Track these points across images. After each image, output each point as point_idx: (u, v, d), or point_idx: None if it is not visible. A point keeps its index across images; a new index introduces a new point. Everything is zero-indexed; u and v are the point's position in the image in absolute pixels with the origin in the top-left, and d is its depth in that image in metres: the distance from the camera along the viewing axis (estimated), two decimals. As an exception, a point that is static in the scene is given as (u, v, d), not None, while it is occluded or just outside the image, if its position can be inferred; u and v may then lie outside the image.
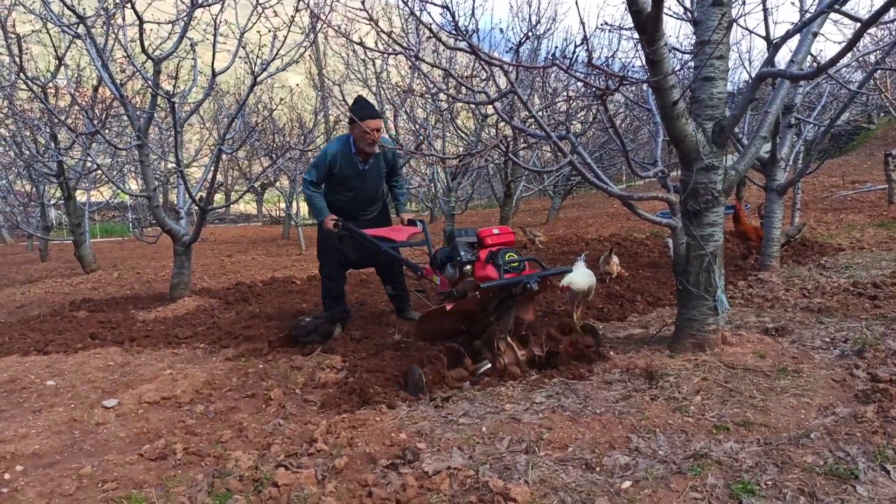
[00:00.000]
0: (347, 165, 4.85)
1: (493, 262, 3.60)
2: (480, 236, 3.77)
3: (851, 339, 3.70)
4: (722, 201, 3.55)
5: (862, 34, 2.82)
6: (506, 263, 3.56)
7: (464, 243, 3.82)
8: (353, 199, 4.99)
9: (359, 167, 4.89)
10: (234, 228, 24.91)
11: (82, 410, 3.46)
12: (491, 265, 3.60)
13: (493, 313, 3.63)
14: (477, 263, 3.71)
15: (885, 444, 2.37)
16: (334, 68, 15.03)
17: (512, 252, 3.65)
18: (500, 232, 3.79)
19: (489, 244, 3.72)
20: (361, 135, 4.72)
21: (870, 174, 14.63)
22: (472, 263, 3.74)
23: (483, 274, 3.60)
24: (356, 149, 4.84)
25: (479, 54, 3.06)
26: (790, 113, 6.24)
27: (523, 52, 10.62)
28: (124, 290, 8.13)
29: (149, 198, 6.60)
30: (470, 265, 3.74)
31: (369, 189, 5.07)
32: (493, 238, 3.74)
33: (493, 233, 3.76)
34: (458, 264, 3.78)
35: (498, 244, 3.72)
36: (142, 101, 9.03)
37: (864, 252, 6.76)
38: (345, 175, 4.87)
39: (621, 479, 2.30)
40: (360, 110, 4.70)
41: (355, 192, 4.98)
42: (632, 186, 19.51)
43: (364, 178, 4.96)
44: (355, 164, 4.87)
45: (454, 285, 3.88)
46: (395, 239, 4.62)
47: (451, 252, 3.87)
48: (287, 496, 2.35)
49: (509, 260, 3.59)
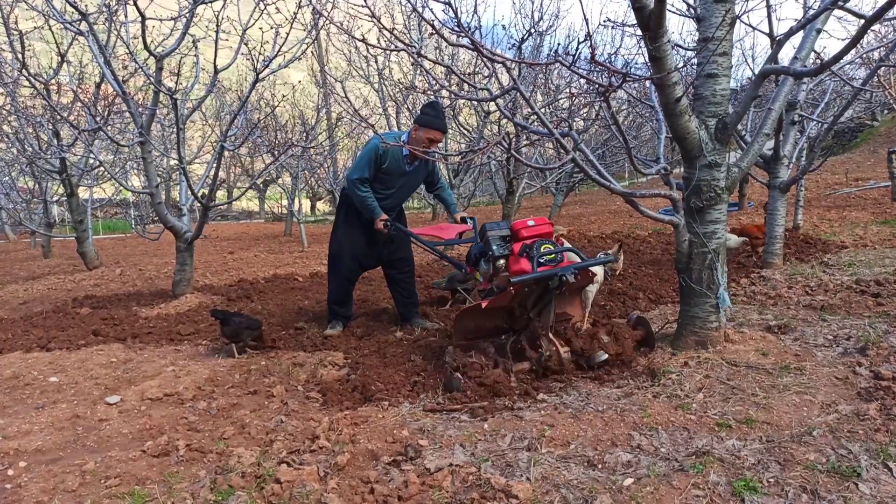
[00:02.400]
0: (396, 163, 4.70)
1: (528, 254, 3.43)
2: (514, 229, 3.62)
3: (854, 336, 3.69)
4: (725, 198, 3.54)
5: (866, 31, 2.80)
6: (540, 255, 3.40)
7: (496, 237, 3.64)
8: (390, 198, 4.82)
9: (406, 167, 4.76)
10: (237, 225, 24.94)
11: (85, 407, 3.47)
12: (525, 258, 3.44)
13: (532, 308, 3.51)
14: (511, 257, 3.55)
15: (887, 442, 2.37)
16: (336, 65, 15.06)
17: (548, 244, 3.48)
18: (536, 223, 3.62)
19: (524, 237, 3.55)
20: (423, 139, 4.52)
21: (873, 171, 14.58)
22: (505, 257, 3.57)
23: (518, 268, 3.44)
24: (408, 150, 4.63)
25: (481, 51, 3.06)
26: (793, 110, 6.23)
27: (526, 48, 10.61)
28: (127, 287, 8.14)
29: (151, 194, 6.61)
30: (503, 259, 3.58)
31: (407, 191, 4.99)
32: (528, 230, 3.57)
33: (527, 225, 3.60)
34: (491, 259, 3.63)
35: (533, 236, 3.54)
36: (144, 97, 9.05)
37: (867, 249, 6.75)
38: (391, 173, 4.73)
39: (623, 477, 2.30)
40: (433, 118, 4.54)
41: (395, 191, 4.83)
42: (634, 184, 19.47)
43: (407, 179, 4.84)
44: (402, 163, 4.72)
45: (490, 280, 3.75)
46: (443, 237, 4.53)
47: (483, 246, 3.73)
48: (289, 493, 2.35)
49: (544, 252, 3.43)
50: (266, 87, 13.78)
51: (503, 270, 3.59)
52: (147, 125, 6.41)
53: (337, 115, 14.08)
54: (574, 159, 3.21)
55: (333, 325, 4.95)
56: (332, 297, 5.02)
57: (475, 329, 3.68)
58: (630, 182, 19.64)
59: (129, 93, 6.53)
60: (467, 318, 3.56)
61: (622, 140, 3.42)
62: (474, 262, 3.87)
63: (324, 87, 14.87)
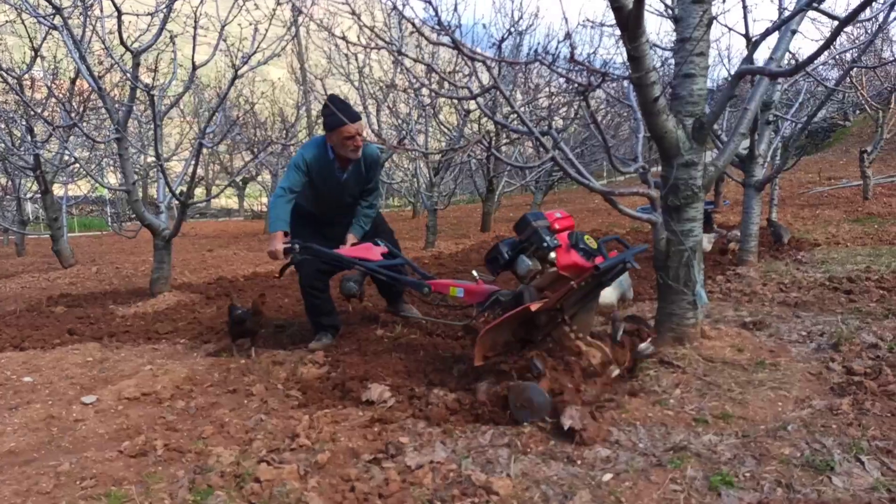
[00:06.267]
0: (325, 173, 4.25)
1: (577, 246, 3.08)
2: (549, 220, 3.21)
3: (827, 332, 3.76)
4: (701, 197, 3.59)
5: (839, 32, 2.86)
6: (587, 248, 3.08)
7: (543, 227, 3.13)
8: (330, 208, 4.43)
9: (337, 175, 4.30)
10: (215, 223, 24.70)
11: (60, 407, 3.42)
12: (574, 250, 3.07)
13: (569, 311, 3.20)
14: (559, 250, 3.09)
15: (859, 436, 2.42)
16: (316, 62, 14.95)
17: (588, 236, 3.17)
18: (563, 216, 3.28)
19: (556, 229, 3.18)
20: (341, 142, 4.09)
21: (845, 171, 14.86)
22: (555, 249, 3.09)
23: (569, 261, 3.05)
24: (335, 154, 4.24)
25: (461, 49, 3.06)
26: (768, 110, 6.32)
27: (506, 47, 10.65)
28: (103, 286, 8.03)
29: (128, 192, 6.53)
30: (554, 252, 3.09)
31: (347, 198, 4.49)
32: (559, 223, 3.21)
33: (556, 216, 3.23)
34: (540, 252, 3.11)
35: (564, 229, 3.21)
36: (120, 93, 8.93)
37: (839, 247, 6.88)
38: (321, 184, 4.29)
39: (602, 472, 2.33)
40: (334, 116, 4.02)
41: (331, 201, 4.41)
42: (613, 182, 19.62)
43: (342, 187, 4.37)
44: (333, 171, 4.27)
45: (530, 280, 3.23)
46: (371, 259, 4.07)
47: (528, 239, 3.16)
48: (269, 492, 2.34)
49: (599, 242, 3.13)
50: (245, 84, 13.65)
51: (551, 266, 3.14)
52: (124, 122, 6.32)
53: (317, 112, 14.01)
54: (554, 158, 3.22)
55: (320, 336, 4.39)
56: (309, 312, 4.49)
57: (492, 346, 3.22)
58: (608, 180, 19.80)
59: (105, 89, 6.43)
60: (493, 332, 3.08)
61: (601, 139, 3.45)
62: (506, 262, 3.24)
63: (304, 85, 14.79)
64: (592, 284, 3.20)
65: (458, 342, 4.23)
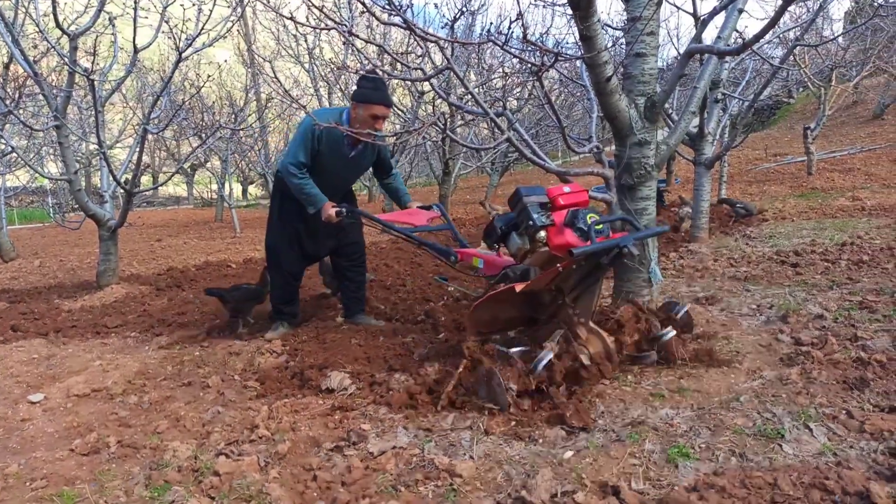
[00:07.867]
0: (335, 148, 4.06)
1: (573, 225, 2.88)
2: (550, 196, 3.02)
3: (776, 305, 3.89)
4: (654, 175, 3.64)
5: (784, 10, 2.92)
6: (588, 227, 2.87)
7: (534, 204, 2.98)
8: (331, 188, 4.15)
9: (347, 152, 4.12)
10: (164, 212, 24.04)
11: (6, 406, 3.28)
12: (569, 230, 2.88)
13: (570, 293, 3.09)
14: (551, 229, 2.94)
15: (808, 404, 2.51)
16: (264, 44, 14.62)
17: (593, 213, 2.94)
18: (572, 190, 3.04)
19: (561, 205, 2.98)
20: (367, 118, 3.89)
21: (790, 147, 15.31)
22: (546, 228, 2.95)
23: (561, 241, 2.87)
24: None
25: (414, 30, 3.01)
26: (717, 88, 6.45)
27: (459, 28, 10.56)
28: (47, 279, 7.74)
29: (70, 181, 6.28)
30: (544, 230, 2.95)
31: (351, 179, 4.44)
32: (565, 198, 2.99)
33: (563, 191, 3.02)
34: (529, 230, 2.98)
35: (571, 205, 2.99)
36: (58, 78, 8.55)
37: (786, 222, 7.10)
38: (329, 158, 4.08)
39: (563, 450, 2.36)
40: (374, 91, 3.89)
41: (335, 180, 4.23)
42: (567, 162, 19.82)
43: (348, 166, 4.23)
44: (342, 146, 4.08)
45: (522, 258, 3.16)
46: (414, 223, 3.96)
47: (518, 216, 3.04)
48: (229, 485, 2.29)
49: (592, 223, 2.89)
50: (190, 67, 13.24)
51: (542, 245, 3.02)
52: (62, 108, 6.05)
53: (267, 95, 13.70)
54: (509, 139, 3.22)
55: (276, 326, 4.34)
56: (274, 296, 4.44)
57: (490, 321, 3.16)
58: (563, 161, 19.97)
59: (41, 74, 6.14)
60: (487, 307, 3.03)
61: (555, 119, 3.46)
62: (499, 237, 3.18)
63: (252, 67, 14.43)
64: (588, 267, 3.04)
65: (417, 326, 4.22)
